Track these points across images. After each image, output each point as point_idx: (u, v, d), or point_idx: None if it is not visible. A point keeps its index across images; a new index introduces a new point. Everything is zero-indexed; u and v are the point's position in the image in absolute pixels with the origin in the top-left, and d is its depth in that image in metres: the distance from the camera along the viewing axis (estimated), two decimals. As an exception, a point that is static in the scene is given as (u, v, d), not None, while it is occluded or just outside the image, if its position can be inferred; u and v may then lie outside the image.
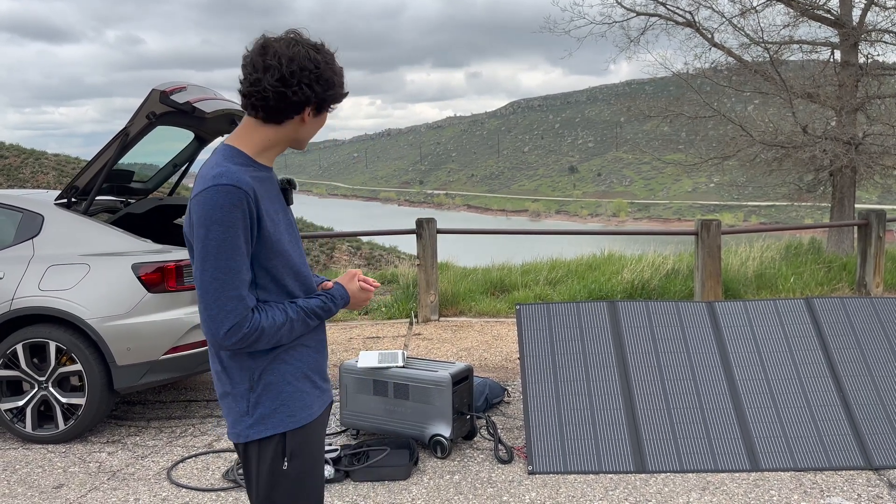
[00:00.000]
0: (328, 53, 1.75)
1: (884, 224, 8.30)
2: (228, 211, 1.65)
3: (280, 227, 1.80)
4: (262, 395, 1.79)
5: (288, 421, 1.80)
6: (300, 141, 1.82)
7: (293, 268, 1.83)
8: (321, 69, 1.71)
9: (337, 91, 1.77)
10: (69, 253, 4.43)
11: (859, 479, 3.67)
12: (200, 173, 1.74)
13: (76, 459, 4.14)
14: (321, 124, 1.82)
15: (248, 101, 1.73)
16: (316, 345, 1.90)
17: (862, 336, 4.38)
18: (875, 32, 13.03)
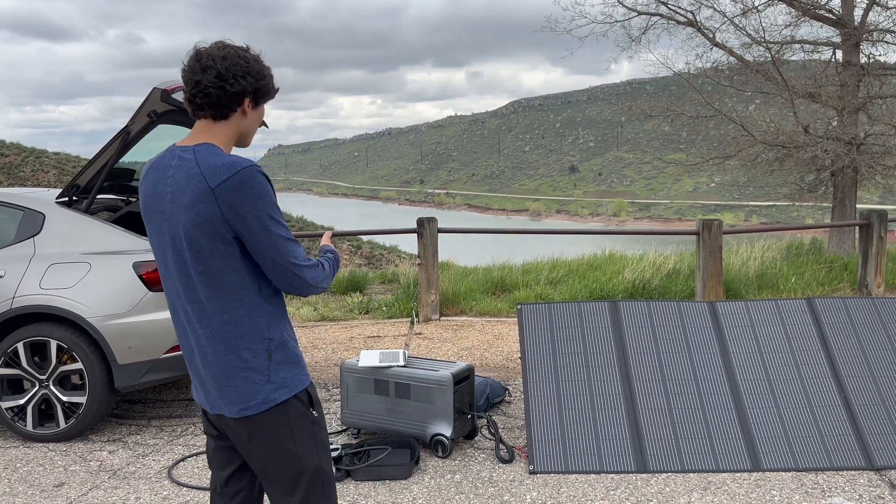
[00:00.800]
0: (253, 53, 2.01)
1: (885, 224, 8.29)
2: (267, 185, 1.95)
3: None
4: (280, 360, 2.01)
5: (304, 378, 2.06)
6: (245, 135, 2.05)
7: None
8: (251, 63, 1.97)
9: (269, 82, 2.02)
10: (70, 251, 4.43)
11: (861, 479, 3.66)
12: (210, 163, 1.90)
13: (77, 458, 4.14)
14: (260, 117, 2.06)
15: (194, 103, 1.96)
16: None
17: (863, 336, 4.38)
18: (877, 32, 13.01)
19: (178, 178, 1.92)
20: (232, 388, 1.97)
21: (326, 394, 5.30)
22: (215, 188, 1.87)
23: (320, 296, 9.45)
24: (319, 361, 6.17)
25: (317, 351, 6.55)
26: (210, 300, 1.94)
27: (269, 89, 2.03)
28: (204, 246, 1.90)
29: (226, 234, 1.90)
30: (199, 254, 1.91)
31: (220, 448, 2.14)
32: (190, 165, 1.91)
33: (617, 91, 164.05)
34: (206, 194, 1.87)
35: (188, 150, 1.95)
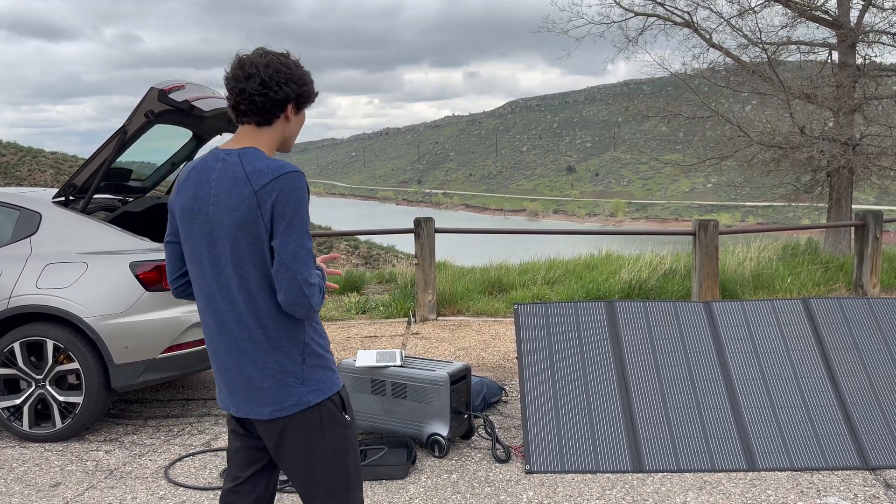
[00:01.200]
0: (294, 60, 2.05)
1: (880, 225, 8.31)
2: (305, 193, 1.97)
3: None
4: (314, 364, 2.03)
5: (337, 381, 2.08)
6: (287, 140, 2.08)
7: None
8: (293, 70, 2.00)
9: (310, 87, 2.06)
10: (67, 251, 4.43)
11: (856, 478, 3.68)
12: (255, 166, 1.94)
13: (73, 458, 4.14)
14: (302, 122, 2.10)
15: (238, 110, 1.99)
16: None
17: (859, 336, 4.40)
18: (872, 33, 13.05)
19: (222, 180, 1.94)
20: (265, 390, 2.00)
21: (323, 394, 5.30)
22: (258, 190, 1.91)
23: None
24: (316, 361, 6.17)
25: (314, 351, 6.54)
26: (247, 303, 1.96)
27: (311, 94, 2.06)
28: (244, 249, 1.93)
29: (265, 238, 1.93)
30: (240, 257, 1.93)
31: (246, 448, 2.16)
32: (235, 168, 1.94)
33: (614, 91, 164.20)
34: (250, 197, 1.91)
35: (233, 153, 1.98)
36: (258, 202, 1.90)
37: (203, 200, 1.97)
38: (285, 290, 1.92)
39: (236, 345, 2.00)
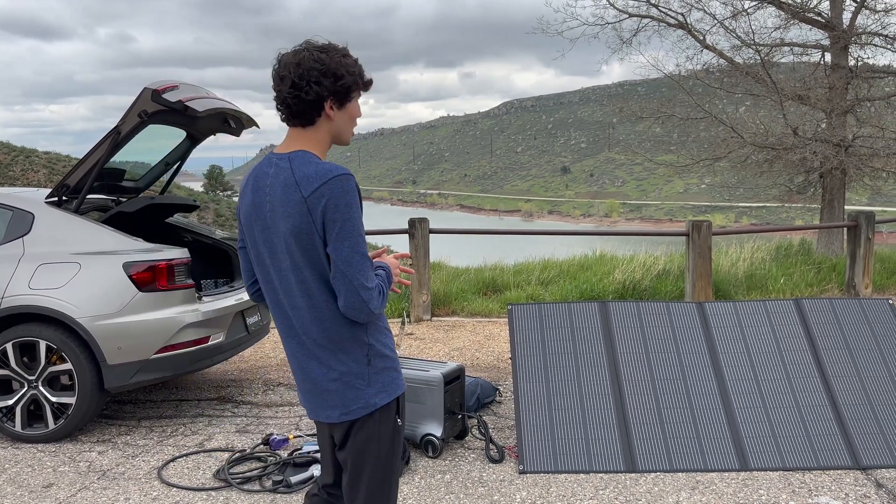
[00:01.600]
0: (335, 51, 1.94)
1: (873, 226, 8.36)
2: (355, 195, 1.91)
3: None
4: (379, 366, 2.03)
5: (401, 383, 2.09)
6: (338, 136, 2.02)
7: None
8: (326, 65, 1.90)
9: (348, 80, 1.94)
10: (60, 251, 4.41)
11: (847, 478, 3.70)
12: (304, 172, 1.90)
13: (66, 459, 4.13)
14: (351, 115, 2.01)
15: (280, 113, 1.97)
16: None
17: (850, 337, 4.42)
18: (865, 35, 13.11)
19: (275, 187, 1.94)
20: (332, 392, 2.01)
21: (317, 394, 5.30)
22: (307, 197, 1.88)
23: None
24: (310, 362, 6.17)
25: (308, 351, 6.54)
26: (309, 307, 1.96)
27: (350, 86, 1.96)
28: (302, 255, 1.91)
29: (320, 244, 1.91)
30: (298, 262, 1.92)
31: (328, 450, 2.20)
32: (286, 174, 1.92)
33: (608, 92, 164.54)
34: (300, 203, 1.88)
35: (284, 157, 1.95)
36: (308, 209, 1.88)
37: (260, 207, 1.97)
38: (344, 297, 1.90)
39: (303, 348, 2.01)
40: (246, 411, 4.96)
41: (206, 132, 5.30)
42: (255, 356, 6.37)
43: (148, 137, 4.87)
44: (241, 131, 5.32)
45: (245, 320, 5.02)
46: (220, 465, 3.96)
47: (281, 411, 4.95)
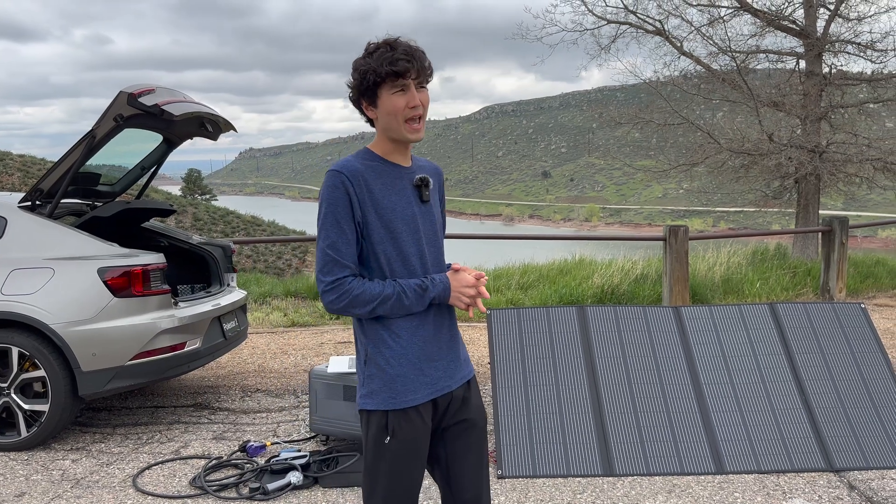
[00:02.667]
0: (367, 48, 1.93)
1: (846, 231, 8.49)
2: (332, 191, 1.90)
3: (393, 216, 1.96)
4: (372, 371, 1.99)
5: (390, 401, 1.97)
6: (387, 132, 1.97)
7: (403, 257, 1.98)
8: (356, 66, 1.94)
9: (364, 76, 1.91)
10: (33, 256, 4.35)
11: (820, 480, 3.75)
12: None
13: (39, 467, 4.07)
14: (387, 111, 1.93)
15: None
16: (424, 333, 2.01)
17: (823, 340, 4.48)
18: (838, 43, 13.34)
19: None
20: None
21: (295, 400, 5.27)
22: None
23: (290, 301, 9.39)
24: (288, 368, 6.14)
25: (286, 357, 6.51)
26: None
27: (369, 82, 1.91)
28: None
29: None
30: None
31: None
32: None
33: (588, 98, 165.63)
34: None
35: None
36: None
37: None
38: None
39: None
40: (223, 418, 4.92)
41: (183, 136, 5.26)
42: (232, 362, 6.32)
43: (124, 141, 4.82)
44: (219, 135, 5.29)
45: (222, 326, 4.98)
46: (197, 473, 3.92)
47: (258, 418, 4.91)
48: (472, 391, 2.14)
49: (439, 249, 2.08)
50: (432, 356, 2.02)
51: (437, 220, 2.09)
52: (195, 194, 65.83)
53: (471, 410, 2.11)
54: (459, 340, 2.14)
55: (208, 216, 42.88)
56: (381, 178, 1.97)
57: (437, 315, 2.04)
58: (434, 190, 2.10)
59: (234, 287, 5.54)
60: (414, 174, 2.04)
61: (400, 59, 1.88)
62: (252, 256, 34.60)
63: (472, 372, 2.16)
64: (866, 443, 3.98)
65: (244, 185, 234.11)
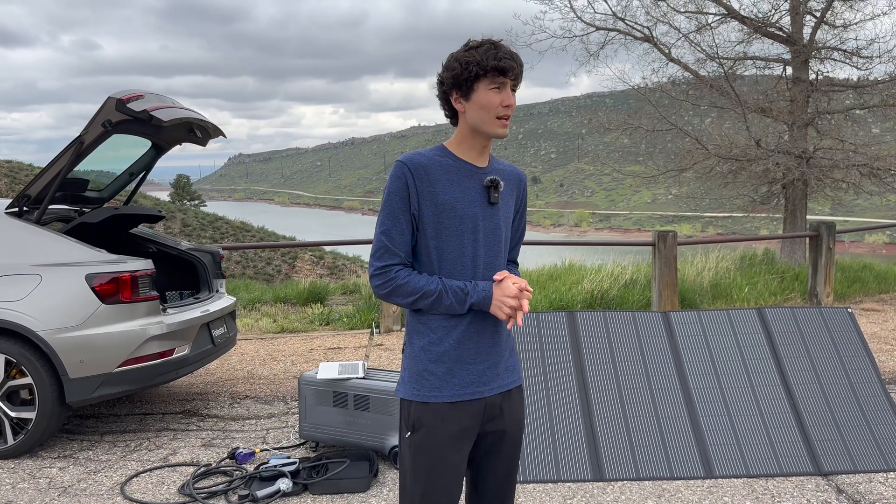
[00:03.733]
0: (467, 44, 1.97)
1: (833, 236, 8.56)
2: (393, 180, 1.95)
3: (451, 213, 1.96)
4: (406, 361, 2.04)
5: (413, 392, 1.99)
6: (476, 127, 1.98)
7: (454, 255, 1.98)
8: (448, 59, 1.97)
9: (460, 68, 1.93)
10: (20, 263, 4.32)
11: (809, 484, 3.77)
12: None
13: (25, 475, 4.03)
14: (481, 105, 1.94)
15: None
16: (459, 334, 1.99)
17: (811, 345, 4.51)
18: (825, 50, 13.47)
19: None
20: None
21: (285, 406, 5.25)
22: None
23: (279, 307, 9.36)
24: (278, 374, 6.11)
25: (276, 363, 6.48)
26: None
27: (462, 73, 1.94)
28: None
29: None
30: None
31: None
32: None
33: (577, 104, 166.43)
34: None
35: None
36: None
37: None
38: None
39: None
40: (211, 425, 4.89)
41: (172, 142, 5.24)
42: (221, 369, 6.29)
43: (112, 147, 4.80)
44: (208, 141, 5.28)
45: (211, 332, 4.96)
46: (185, 480, 3.90)
47: (247, 425, 4.89)
48: (511, 401, 2.09)
49: (498, 254, 2.05)
50: (465, 359, 2.00)
51: (502, 224, 2.07)
52: (184, 200, 65.55)
53: (505, 421, 2.07)
54: (504, 348, 2.08)
55: (197, 222, 42.69)
56: (449, 173, 1.98)
57: (477, 319, 2.00)
58: (508, 194, 2.09)
59: (223, 293, 5.52)
60: (487, 175, 2.03)
61: (505, 57, 1.92)
62: (241, 262, 34.46)
63: (514, 382, 2.11)
64: (854, 446, 4.01)
65: (233, 191, 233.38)
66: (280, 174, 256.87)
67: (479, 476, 2.12)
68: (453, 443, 1.98)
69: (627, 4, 14.07)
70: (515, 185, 2.13)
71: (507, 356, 2.09)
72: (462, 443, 2.00)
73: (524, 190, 2.19)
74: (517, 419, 2.11)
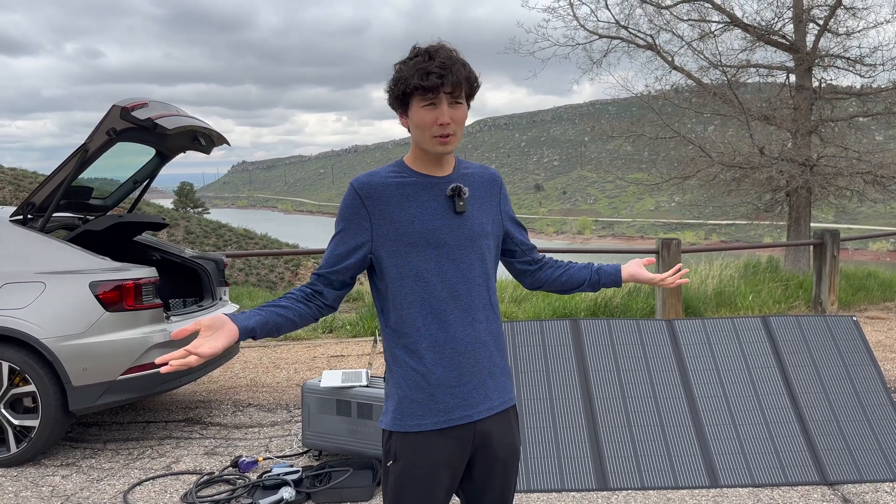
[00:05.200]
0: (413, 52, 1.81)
1: (838, 244, 8.53)
2: (344, 204, 1.86)
3: (410, 231, 1.83)
4: (388, 389, 1.92)
5: (394, 423, 1.87)
6: (417, 142, 1.85)
7: (416, 272, 1.84)
8: (395, 70, 1.82)
9: (397, 87, 1.80)
10: (24, 271, 4.33)
11: (814, 493, 3.74)
12: None
13: (28, 483, 4.02)
14: (416, 123, 1.81)
15: None
16: (438, 359, 1.85)
17: (816, 353, 4.49)
18: (828, 58, 13.48)
19: None
20: None
21: (288, 414, 5.24)
22: None
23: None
24: (281, 382, 6.10)
25: (278, 371, 6.47)
26: None
27: (394, 90, 1.81)
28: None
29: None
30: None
31: None
32: None
33: (580, 111, 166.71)
34: None
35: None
36: None
37: None
38: None
39: None
40: (214, 433, 4.88)
41: (176, 150, 5.25)
42: (224, 377, 6.28)
43: (116, 155, 4.81)
44: (212, 149, 5.29)
45: (215, 340, 4.95)
46: (188, 489, 3.89)
47: (250, 433, 4.88)
48: (503, 424, 1.94)
49: (470, 267, 1.88)
50: (449, 381, 1.86)
51: (478, 233, 1.90)
52: (187, 207, 65.71)
53: (496, 447, 1.92)
54: (491, 366, 1.93)
55: (200, 229, 42.76)
56: (404, 189, 1.85)
57: (454, 339, 1.86)
58: (482, 199, 1.93)
59: (226, 301, 5.52)
60: (449, 183, 1.88)
61: (432, 72, 1.74)
62: (244, 270, 34.48)
63: (505, 403, 1.95)
64: (860, 456, 3.99)
65: (237, 199, 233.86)
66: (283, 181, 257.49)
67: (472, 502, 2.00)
68: (438, 472, 1.87)
69: (630, 13, 14.09)
70: (489, 186, 1.97)
71: (497, 375, 1.94)
72: (448, 472, 1.88)
73: (500, 190, 2.01)
74: (510, 444, 1.96)
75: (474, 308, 1.89)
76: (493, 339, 1.93)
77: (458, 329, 1.86)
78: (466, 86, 1.82)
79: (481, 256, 1.91)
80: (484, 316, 1.91)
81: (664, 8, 13.80)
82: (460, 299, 1.87)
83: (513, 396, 1.99)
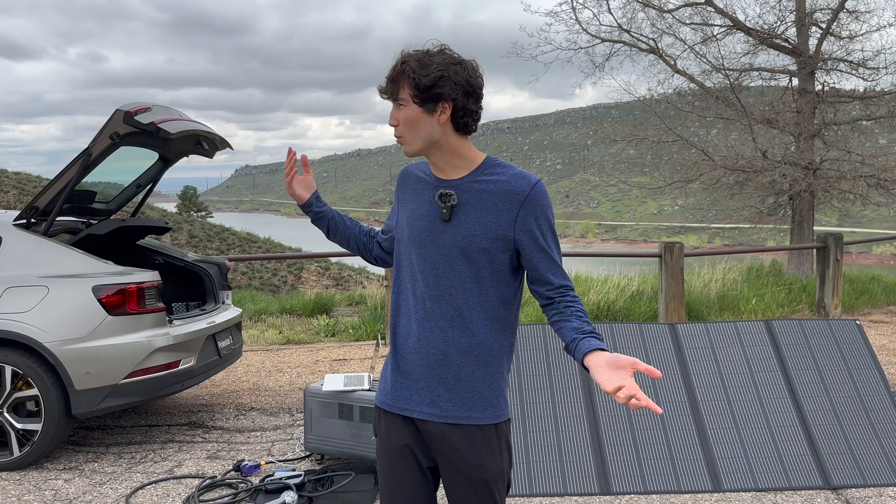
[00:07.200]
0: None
1: (841, 247, 8.51)
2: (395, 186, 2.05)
3: (406, 225, 1.93)
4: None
5: (378, 394, 1.99)
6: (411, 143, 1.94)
7: (403, 264, 1.93)
8: None
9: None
10: (28, 275, 4.34)
11: (818, 498, 3.73)
12: None
13: (31, 487, 4.02)
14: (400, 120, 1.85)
15: None
16: (401, 347, 1.91)
17: (819, 357, 4.48)
18: (831, 61, 13.47)
19: None
20: None
21: (290, 418, 5.24)
22: None
23: (285, 318, 9.36)
24: (283, 386, 6.11)
25: (281, 375, 6.48)
26: None
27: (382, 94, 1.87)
28: None
29: None
30: None
31: None
32: None
33: (583, 115, 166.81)
34: None
35: None
36: None
37: None
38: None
39: None
40: (217, 437, 4.88)
41: (179, 154, 5.27)
42: (226, 380, 6.29)
43: (119, 159, 4.83)
44: (215, 153, 5.30)
45: (216, 344, 4.96)
46: (190, 493, 3.89)
47: (253, 437, 4.88)
48: (461, 439, 1.83)
49: (443, 276, 1.82)
50: (406, 371, 1.88)
51: (464, 244, 1.80)
52: (191, 211, 65.82)
53: (454, 457, 1.84)
54: (451, 381, 1.84)
55: (204, 233, 42.83)
56: (417, 185, 1.94)
57: (423, 339, 1.84)
58: (485, 210, 1.81)
59: (229, 304, 5.52)
60: (451, 188, 1.84)
61: (386, 77, 1.82)
62: (247, 273, 34.53)
63: (464, 419, 1.84)
64: (863, 460, 3.97)
65: (240, 202, 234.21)
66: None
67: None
68: (401, 453, 1.88)
69: (633, 16, 14.10)
70: (504, 199, 1.79)
71: (459, 389, 1.83)
72: (412, 458, 1.87)
73: (526, 206, 1.80)
74: (475, 464, 1.82)
75: (439, 317, 1.83)
76: (461, 353, 1.83)
77: (421, 329, 1.86)
78: (410, 87, 1.76)
79: (466, 269, 1.82)
80: (450, 326, 1.82)
81: (667, 12, 13.81)
82: (425, 303, 1.85)
83: (483, 417, 1.85)
